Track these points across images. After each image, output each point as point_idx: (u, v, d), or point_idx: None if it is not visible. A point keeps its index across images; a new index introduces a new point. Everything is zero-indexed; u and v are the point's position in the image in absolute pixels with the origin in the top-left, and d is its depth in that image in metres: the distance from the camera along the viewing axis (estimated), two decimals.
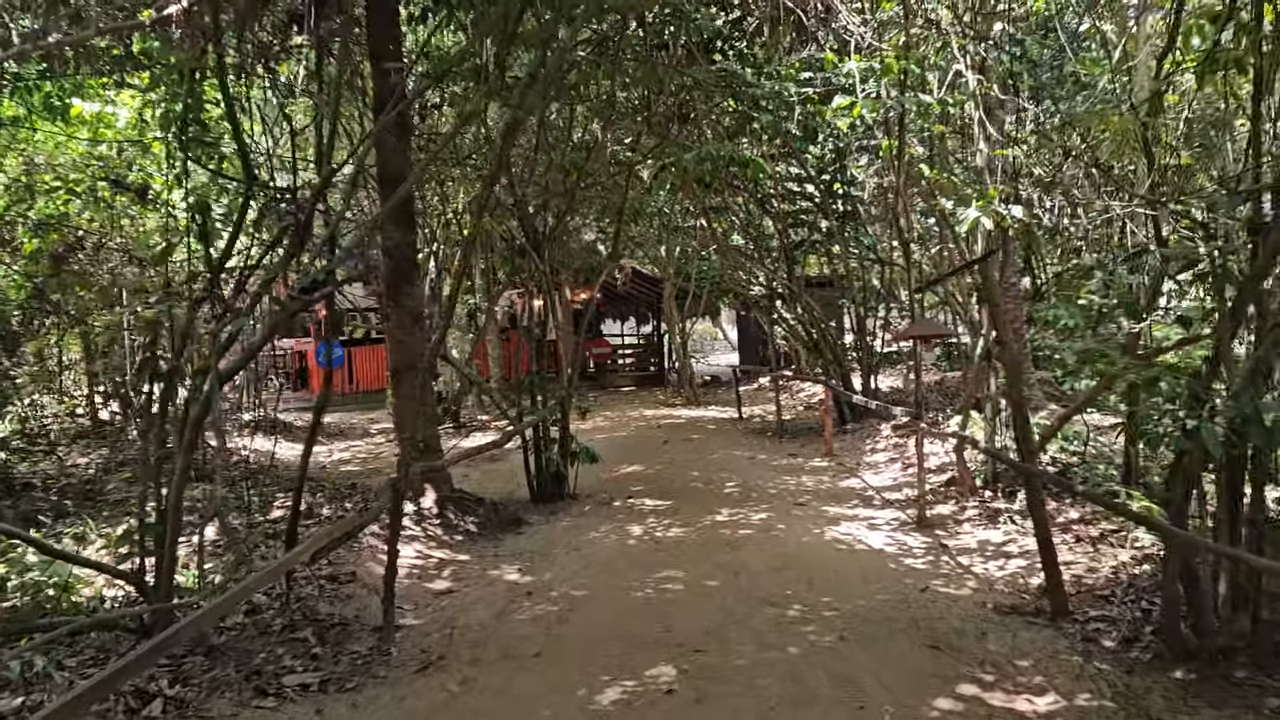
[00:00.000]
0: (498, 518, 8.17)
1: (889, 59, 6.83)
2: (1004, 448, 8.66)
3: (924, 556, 6.56)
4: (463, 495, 8.20)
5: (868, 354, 13.43)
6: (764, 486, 9.40)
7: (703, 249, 17.67)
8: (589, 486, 9.63)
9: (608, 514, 8.46)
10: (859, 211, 13.24)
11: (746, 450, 12.11)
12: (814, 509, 8.27)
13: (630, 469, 10.92)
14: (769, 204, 13.44)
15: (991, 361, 8.72)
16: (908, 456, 10.41)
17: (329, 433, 16.42)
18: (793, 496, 8.85)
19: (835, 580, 5.99)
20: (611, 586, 6.07)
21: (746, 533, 7.39)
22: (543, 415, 8.90)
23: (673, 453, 12.10)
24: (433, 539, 7.38)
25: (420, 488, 7.89)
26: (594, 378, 24.82)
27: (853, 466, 10.50)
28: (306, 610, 5.60)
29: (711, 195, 13.11)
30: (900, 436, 11.46)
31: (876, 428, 12.35)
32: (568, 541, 7.45)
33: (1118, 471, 7.85)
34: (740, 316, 25.75)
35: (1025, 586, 5.71)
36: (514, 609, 5.75)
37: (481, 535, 7.71)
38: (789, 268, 13.48)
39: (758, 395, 19.70)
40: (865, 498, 8.74)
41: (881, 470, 10.12)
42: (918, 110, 6.79)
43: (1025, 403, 5.00)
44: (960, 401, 13.48)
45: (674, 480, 10.00)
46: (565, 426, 9.18)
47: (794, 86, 7.74)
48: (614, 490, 9.57)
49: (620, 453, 12.12)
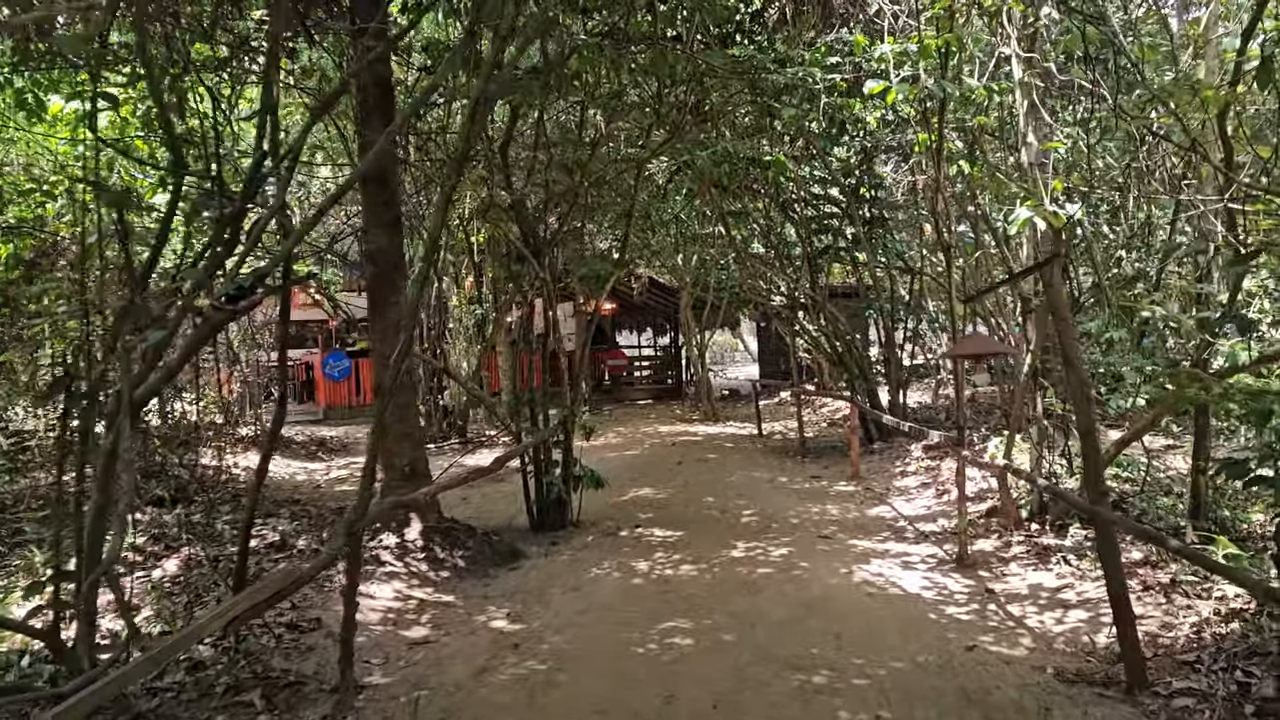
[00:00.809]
0: (491, 551, 7.41)
1: (928, 39, 6.04)
2: (1051, 476, 7.83)
3: (968, 604, 5.74)
4: (452, 525, 7.45)
5: (896, 368, 12.59)
6: (785, 515, 8.60)
7: (721, 257, 16.90)
8: (594, 513, 8.87)
9: (613, 546, 7.69)
10: (886, 217, 12.44)
11: (766, 472, 11.30)
12: (840, 542, 7.46)
13: (640, 492, 10.14)
14: (791, 209, 12.66)
15: (1037, 380, 7.90)
16: (941, 481, 9.59)
17: (330, 448, 15.77)
18: (817, 527, 8.04)
19: (867, 635, 5.19)
20: (610, 640, 5.29)
21: (765, 572, 6.59)
22: (543, 436, 8.15)
23: (687, 474, 11.31)
24: (415, 576, 6.63)
25: (405, 518, 7.15)
26: (609, 390, 24.09)
27: (881, 492, 9.68)
28: (258, 666, 4.88)
29: (729, 200, 12.35)
30: (932, 458, 10.63)
31: (905, 447, 11.53)
32: (566, 580, 6.68)
33: (1184, 504, 7.03)
34: (761, 328, 24.94)
35: (1091, 646, 4.89)
36: (496, 665, 4.99)
37: (471, 571, 6.96)
38: (812, 276, 12.68)
39: (779, 410, 18.88)
40: (897, 529, 7.93)
41: (913, 497, 9.29)
42: (960, 96, 6.01)
43: (1095, 433, 4.19)
44: (995, 420, 12.62)
45: (687, 506, 9.22)
46: (569, 448, 8.43)
47: (819, 73, 6.97)
48: (621, 518, 8.79)
49: (631, 474, 11.35)
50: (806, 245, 12.57)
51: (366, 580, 6.33)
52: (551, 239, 8.01)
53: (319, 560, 3.93)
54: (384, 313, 7.30)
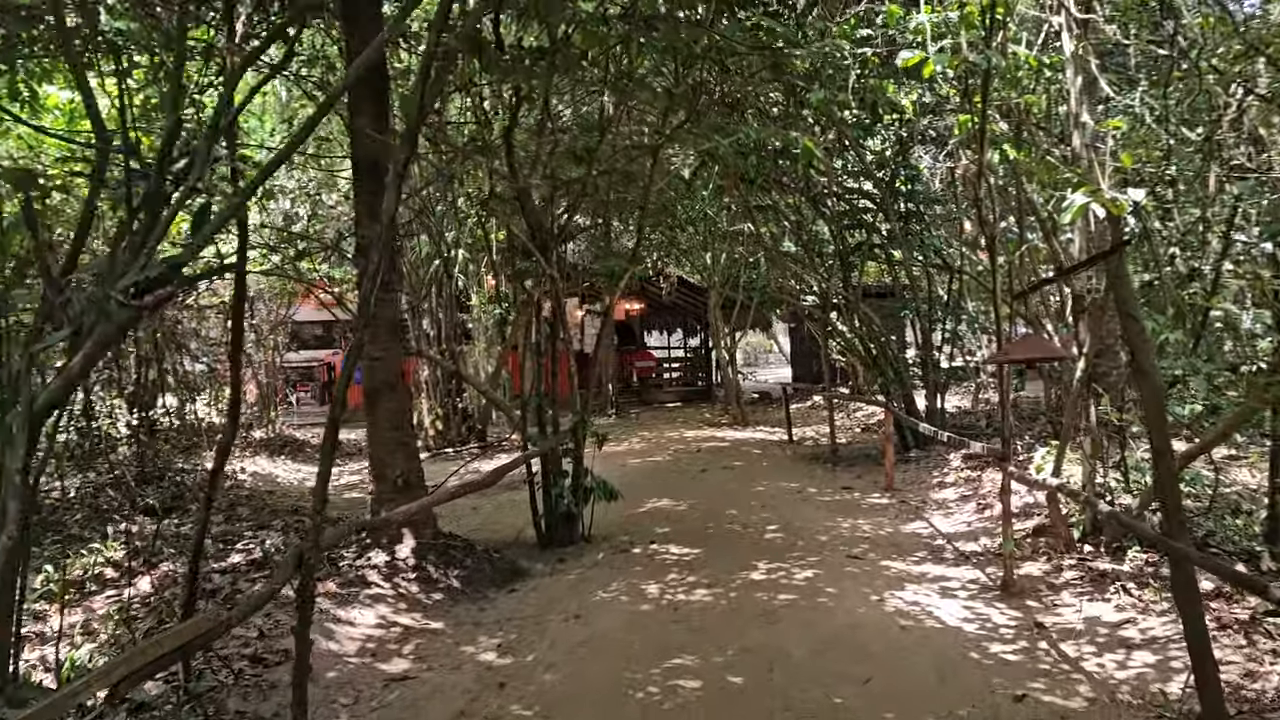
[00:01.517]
0: (490, 569, 6.85)
1: (970, 6, 5.38)
2: (1105, 491, 7.11)
3: (1015, 641, 5.07)
4: (449, 541, 6.90)
5: (934, 371, 11.87)
6: (812, 530, 7.95)
7: (750, 256, 16.24)
8: (608, 526, 8.29)
9: (623, 564, 7.09)
10: (923, 212, 11.72)
11: (794, 481, 10.64)
12: (872, 563, 6.81)
13: (659, 504, 9.53)
14: (823, 204, 11.98)
15: (1091, 386, 7.19)
16: (983, 494, 8.89)
17: (345, 452, 15.33)
18: (846, 545, 7.39)
19: (900, 678, 4.55)
20: (606, 679, 4.70)
21: (787, 599, 5.96)
22: (546, 446, 7.58)
23: (710, 483, 10.68)
24: (404, 599, 6.08)
25: (397, 534, 6.61)
26: (638, 393, 23.50)
27: (918, 505, 8.99)
28: (211, 707, 4.35)
29: (757, 195, 11.70)
30: (972, 468, 9.92)
31: (944, 456, 10.81)
32: (568, 604, 6.10)
33: (1258, 525, 6.30)
34: (793, 329, 24.23)
35: (1161, 697, 4.21)
36: (476, 710, 4.41)
37: (466, 593, 6.40)
38: (845, 275, 11.99)
39: (810, 414, 18.18)
40: (934, 549, 7.25)
41: (952, 511, 8.59)
42: (1006, 66, 5.34)
43: (1171, 454, 3.53)
44: (1039, 427, 11.85)
45: (707, 521, 8.59)
46: (579, 459, 7.85)
47: (849, 46, 6.31)
48: (636, 532, 8.20)
49: (651, 483, 10.76)
50: (839, 242, 11.89)
51: (348, 604, 5.79)
52: (559, 233, 7.43)
53: (251, 599, 3.38)
54: (376, 310, 6.76)
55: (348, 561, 6.41)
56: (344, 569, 6.30)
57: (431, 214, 8.30)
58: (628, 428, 17.41)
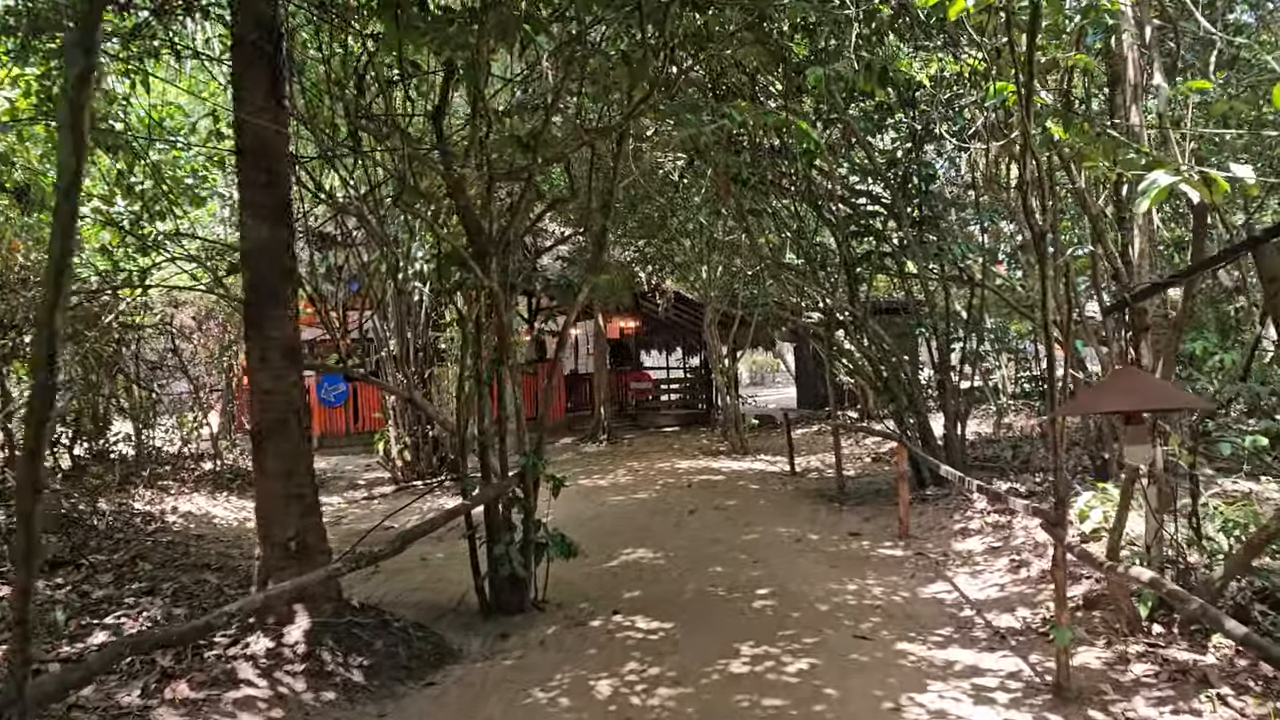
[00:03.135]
0: (407, 653, 5.49)
1: None
2: (1173, 549, 5.71)
3: None
4: (354, 619, 5.53)
5: (953, 397, 10.49)
6: (811, 595, 6.57)
7: (748, 268, 14.91)
8: (567, 587, 6.94)
9: (576, 645, 5.72)
10: (940, 216, 10.39)
11: (794, 525, 9.26)
12: (884, 647, 5.42)
13: (634, 555, 8.17)
14: (826, 209, 10.66)
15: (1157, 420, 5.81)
16: (1015, 545, 7.51)
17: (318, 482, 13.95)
18: (853, 618, 6.01)
19: None
20: None
21: (774, 704, 4.58)
22: (489, 496, 6.24)
23: (698, 528, 9.30)
24: (283, 702, 4.72)
25: (286, 611, 5.27)
26: (633, 416, 22.16)
27: (938, 558, 7.60)
28: None
29: (752, 198, 10.38)
30: (1000, 511, 8.53)
31: (965, 494, 9.42)
32: (491, 708, 4.74)
33: None
34: (798, 348, 22.86)
35: None
36: None
37: (369, 689, 5.03)
38: (851, 288, 10.64)
39: (816, 440, 16.80)
40: (962, 623, 5.86)
41: (979, 567, 7.20)
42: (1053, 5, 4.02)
43: None
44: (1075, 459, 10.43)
45: (687, 580, 7.21)
46: (529, 510, 6.51)
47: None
48: (599, 596, 6.84)
49: (629, 527, 9.39)
50: (845, 251, 10.55)
51: (204, 714, 4.44)
52: (500, 237, 6.11)
53: None
54: (264, 329, 5.45)
55: (216, 651, 5.06)
56: (209, 661, 4.94)
57: (375, 214, 7.02)
58: (616, 457, 16.05)
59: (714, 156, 9.46)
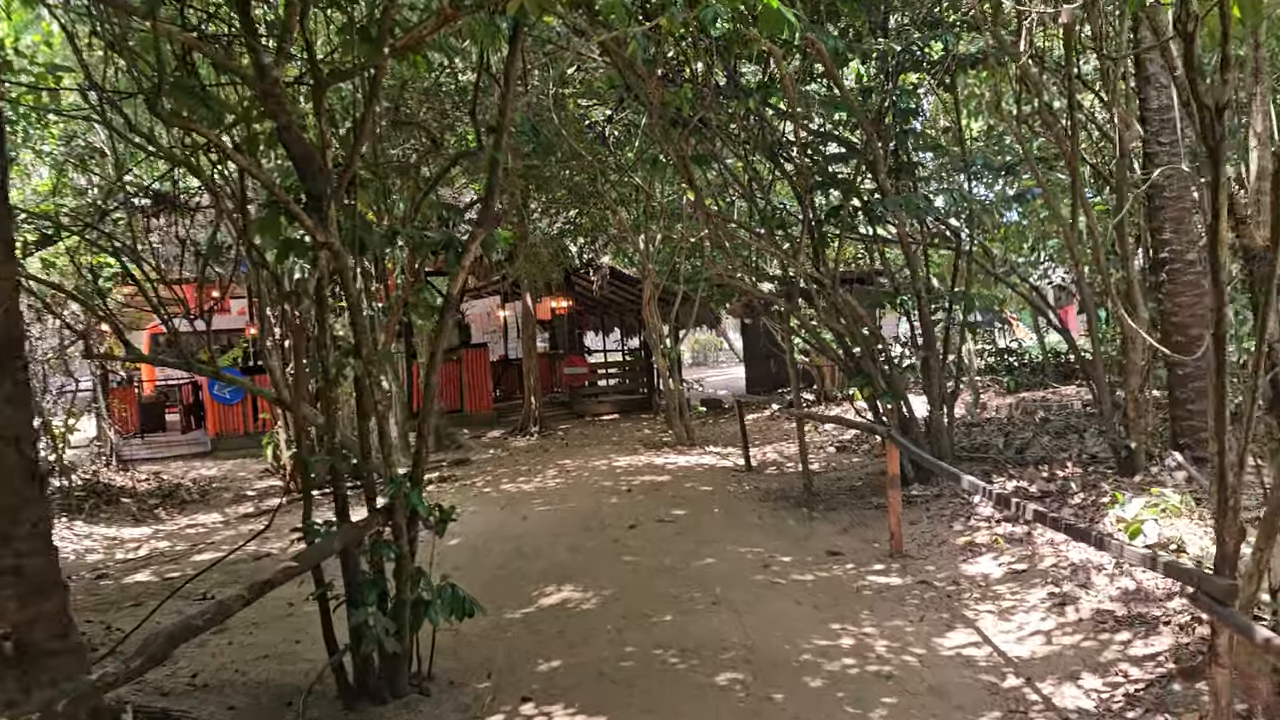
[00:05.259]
0: None
1: None
2: None
3: None
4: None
5: (938, 378, 8.87)
6: (793, 659, 4.83)
7: (691, 237, 13.14)
8: (466, 651, 5.13)
9: None
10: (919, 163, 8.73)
11: (758, 542, 7.51)
12: None
13: (556, 597, 6.34)
14: (784, 157, 8.91)
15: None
16: (1045, 568, 5.89)
17: (182, 500, 11.93)
18: (857, 698, 4.27)
19: None
20: None
21: None
22: (336, 545, 4.37)
23: (638, 551, 7.49)
24: None
25: None
26: (567, 404, 20.33)
27: (948, 588, 5.94)
28: None
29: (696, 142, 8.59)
30: (1008, 517, 6.92)
31: (960, 493, 7.80)
32: None
33: None
34: (746, 325, 21.19)
35: None
36: None
37: None
38: (815, 251, 8.92)
39: (771, 427, 15.15)
40: (1011, 701, 4.16)
41: (1006, 603, 5.54)
42: None
43: None
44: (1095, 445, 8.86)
45: (625, 638, 5.38)
46: (404, 555, 4.65)
47: None
48: (506, 665, 5.01)
49: (554, 550, 7.58)
50: (808, 208, 8.82)
51: None
52: (340, 179, 4.23)
53: None
54: None
55: None
56: None
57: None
58: (548, 452, 14.20)
59: (648, 92, 7.66)
